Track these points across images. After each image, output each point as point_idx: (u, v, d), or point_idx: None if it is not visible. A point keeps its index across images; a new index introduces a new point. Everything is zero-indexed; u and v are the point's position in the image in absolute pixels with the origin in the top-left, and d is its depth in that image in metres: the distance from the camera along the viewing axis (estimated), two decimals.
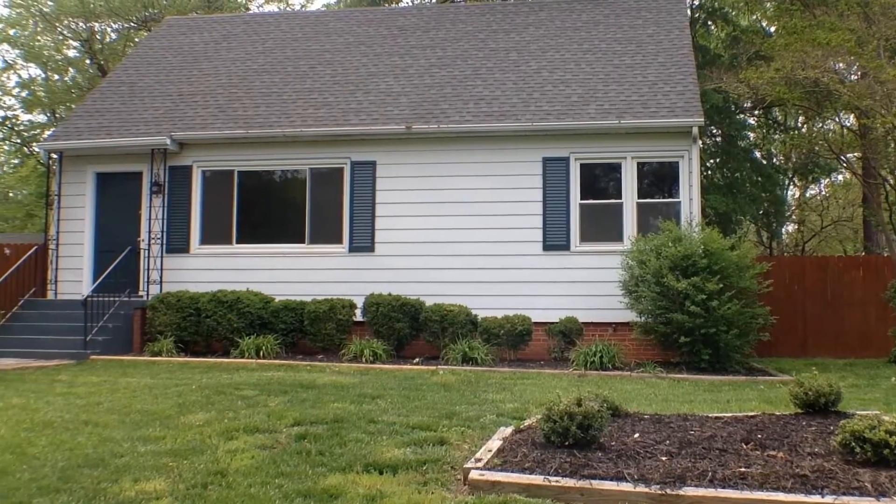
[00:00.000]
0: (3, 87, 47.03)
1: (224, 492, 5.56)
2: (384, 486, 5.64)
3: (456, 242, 16.54)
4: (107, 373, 12.68)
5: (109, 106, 19.70)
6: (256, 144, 17.77)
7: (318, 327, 15.71)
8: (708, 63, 25.40)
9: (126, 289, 16.98)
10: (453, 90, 18.16)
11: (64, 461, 6.49)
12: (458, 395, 9.96)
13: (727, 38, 28.85)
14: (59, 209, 18.63)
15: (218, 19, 25.80)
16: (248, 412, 8.54)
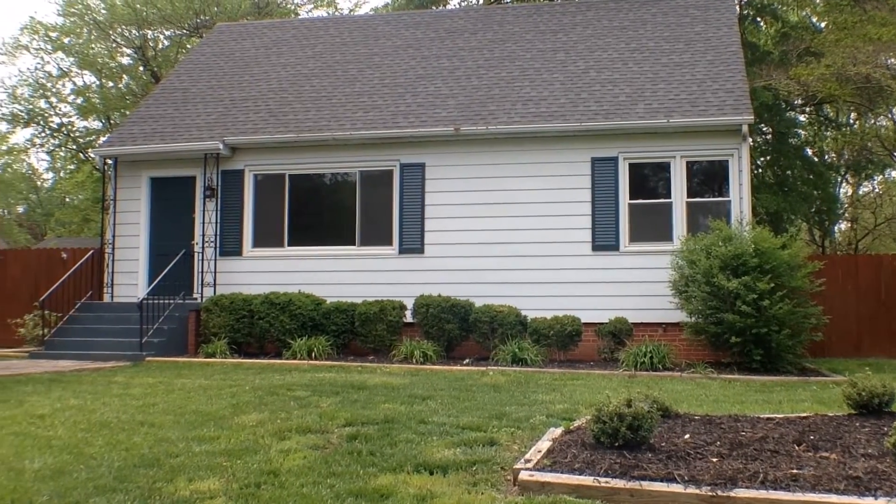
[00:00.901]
0: (59, 95, 47.88)
1: (277, 491, 5.64)
2: (434, 487, 5.68)
3: (505, 243, 16.58)
4: (162, 374, 12.86)
5: (163, 112, 20.03)
6: (307, 148, 17.96)
7: (369, 328, 15.83)
8: (757, 60, 25.15)
9: (180, 291, 17.25)
10: (501, 91, 18.20)
11: (120, 461, 6.60)
12: (508, 396, 10.00)
13: (776, 35, 28.54)
14: (114, 213, 18.97)
15: (268, 25, 26.09)
16: (301, 413, 8.63)
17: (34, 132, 50.83)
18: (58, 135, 49.34)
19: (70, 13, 44.24)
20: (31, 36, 47.01)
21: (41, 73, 47.91)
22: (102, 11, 42.79)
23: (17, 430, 7.91)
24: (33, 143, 54.45)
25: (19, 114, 48.61)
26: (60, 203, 72.22)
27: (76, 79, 47.45)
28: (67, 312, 17.72)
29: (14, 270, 21.80)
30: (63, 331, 17.05)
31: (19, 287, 21.36)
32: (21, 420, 8.49)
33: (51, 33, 45.82)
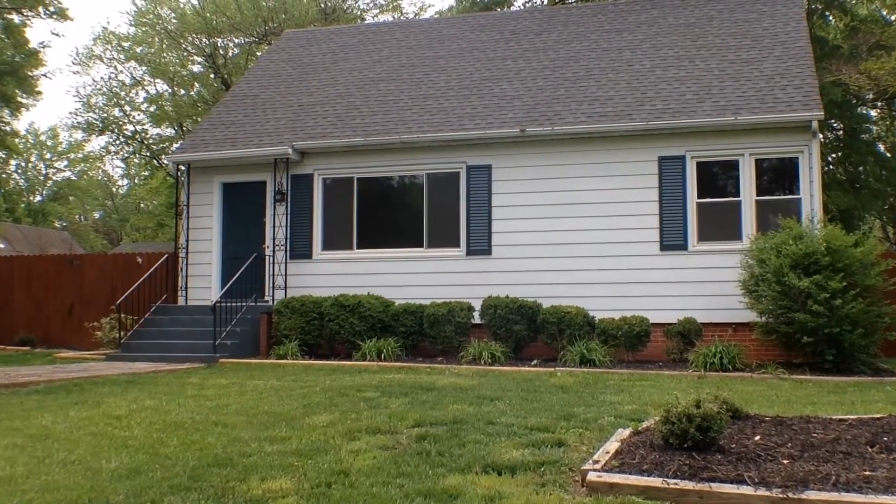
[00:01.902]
0: (133, 103, 48.91)
1: (347, 491, 5.71)
2: (503, 487, 5.72)
3: (572, 244, 16.55)
4: (235, 375, 13.08)
5: (233, 118, 20.39)
6: (374, 151, 18.13)
7: (437, 330, 15.92)
8: (826, 55, 24.72)
9: (252, 294, 17.52)
10: (566, 92, 18.17)
11: (194, 461, 6.73)
12: (576, 397, 10.00)
13: (846, 29, 27.99)
14: (187, 218, 19.35)
15: (335, 31, 26.37)
16: (370, 414, 8.73)
17: (109, 140, 51.97)
18: (132, 142, 50.40)
19: (142, 23, 45.14)
20: (104, 46, 48.15)
21: (115, 82, 48.98)
22: (173, 21, 43.58)
23: (94, 431, 8.11)
24: (108, 151, 55.78)
25: (94, 122, 49.78)
26: (135, 209, 73.76)
27: (149, 87, 48.42)
28: (143, 315, 18.12)
29: (91, 275, 22.37)
30: (139, 333, 17.43)
31: (96, 291, 21.91)
32: (98, 421, 8.70)
33: (123, 43, 46.84)
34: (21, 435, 7.92)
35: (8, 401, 10.40)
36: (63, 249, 52.25)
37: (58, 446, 7.36)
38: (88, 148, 73.35)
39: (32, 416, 9.03)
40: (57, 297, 22.72)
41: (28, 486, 5.99)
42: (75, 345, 21.15)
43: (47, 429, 8.25)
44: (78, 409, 9.57)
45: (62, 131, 79.98)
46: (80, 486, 5.97)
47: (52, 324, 22.56)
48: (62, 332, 22.24)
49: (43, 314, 22.80)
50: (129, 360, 16.06)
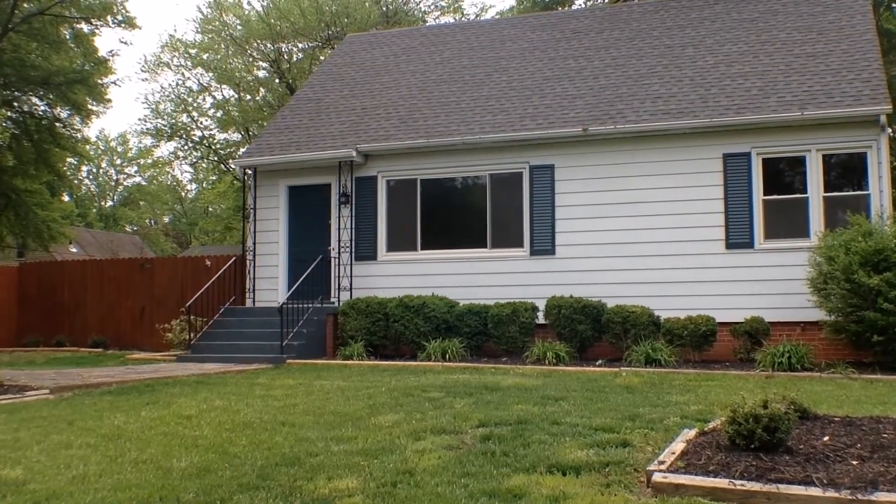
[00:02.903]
0: (200, 109, 49.71)
1: (412, 490, 5.75)
2: (567, 488, 5.72)
3: (636, 243, 16.45)
4: (302, 376, 13.22)
5: (298, 122, 20.63)
6: (437, 153, 18.21)
7: (502, 330, 15.93)
8: (894, 48, 24.17)
9: (318, 295, 17.72)
10: (629, 90, 18.06)
11: (262, 460, 6.82)
12: (642, 397, 9.95)
13: None
14: (254, 221, 19.64)
15: (397, 34, 26.52)
16: (435, 414, 8.76)
17: (177, 145, 52.95)
18: (199, 147, 51.25)
19: (207, 30, 45.86)
20: (171, 53, 49.02)
21: (182, 88, 49.84)
22: (238, 27, 44.21)
23: (165, 431, 8.27)
24: (177, 156, 56.88)
25: (163, 128, 50.73)
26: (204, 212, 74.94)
27: (215, 93, 49.17)
28: (212, 317, 18.42)
29: (161, 278, 22.81)
30: (208, 335, 17.72)
31: (166, 294, 22.34)
32: (169, 421, 8.87)
33: (190, 50, 47.65)
34: (94, 435, 8.10)
35: (82, 401, 10.66)
36: (134, 253, 53.33)
37: (130, 446, 7.52)
38: (157, 153, 74.83)
39: (105, 417, 9.23)
40: (128, 300, 23.22)
41: (101, 484, 6.13)
42: (146, 346, 21.61)
43: (120, 429, 8.42)
44: (149, 409, 9.76)
45: (132, 137, 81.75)
46: (152, 484, 6.09)
47: (124, 326, 23.06)
48: (133, 334, 22.73)
49: (115, 316, 23.32)
50: (198, 360, 16.34)
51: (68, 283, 24.30)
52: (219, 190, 56.24)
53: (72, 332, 23.47)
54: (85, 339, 22.95)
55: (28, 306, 24.54)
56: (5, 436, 8.13)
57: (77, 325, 23.69)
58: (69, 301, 24.09)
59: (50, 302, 24.29)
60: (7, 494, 5.90)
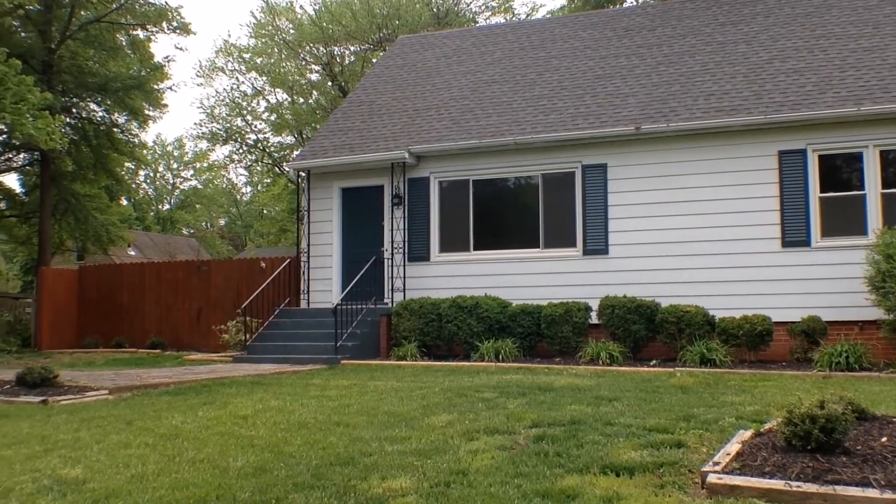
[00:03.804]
0: (254, 113, 50.24)
1: (465, 490, 5.75)
2: (621, 488, 5.69)
3: (690, 242, 16.31)
4: (356, 376, 13.28)
5: (351, 124, 20.76)
6: (489, 153, 18.22)
7: (555, 330, 15.89)
8: None
9: (372, 297, 17.82)
10: (682, 87, 17.91)
11: (317, 459, 6.85)
12: (696, 398, 9.86)
13: None
14: (308, 223, 19.80)
15: (448, 35, 26.57)
16: (488, 414, 8.76)
17: (232, 149, 53.60)
18: (254, 150, 51.80)
19: (261, 34, 46.34)
20: (225, 58, 49.63)
21: (236, 92, 50.42)
22: (291, 31, 44.62)
23: (222, 430, 8.35)
24: (232, 160, 57.64)
25: (218, 132, 51.37)
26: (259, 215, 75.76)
27: (269, 96, 49.66)
28: (267, 318, 18.62)
29: (218, 280, 23.09)
30: (263, 336, 17.91)
31: (223, 295, 22.62)
32: (226, 420, 8.96)
33: (244, 55, 48.20)
34: (152, 434, 8.22)
35: (140, 401, 10.83)
36: (190, 256, 54.06)
37: (187, 445, 7.62)
38: (213, 157, 75.83)
39: (163, 416, 9.36)
40: (185, 302, 23.54)
41: (159, 483, 6.23)
42: (203, 347, 21.91)
43: (177, 428, 8.54)
44: (206, 409, 9.88)
45: (188, 142, 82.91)
46: (208, 483, 6.16)
47: (181, 327, 23.39)
48: (190, 335, 23.04)
49: (172, 318, 23.66)
50: (254, 361, 16.52)
51: (127, 285, 24.70)
52: (273, 192, 56.83)
53: (130, 333, 23.86)
54: (143, 340, 23.32)
55: (88, 308, 25.00)
56: (66, 435, 8.29)
57: (135, 326, 24.08)
58: (128, 303, 24.50)
59: (109, 304, 24.72)
60: (67, 493, 6.02)
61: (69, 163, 33.27)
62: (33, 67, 29.93)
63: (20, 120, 21.50)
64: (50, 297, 24.46)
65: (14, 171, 42.62)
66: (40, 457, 7.29)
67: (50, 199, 34.25)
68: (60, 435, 8.34)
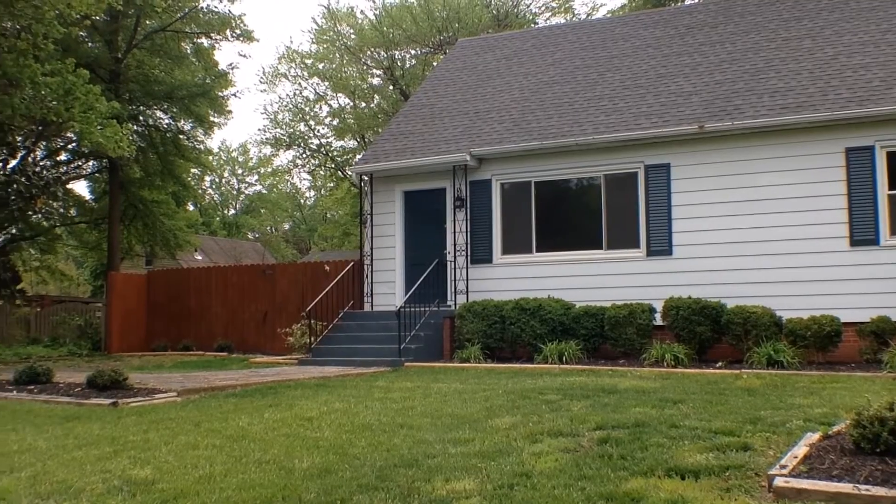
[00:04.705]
0: (317, 118, 50.70)
1: (529, 492, 5.75)
2: (686, 491, 5.65)
3: (755, 241, 16.09)
4: (419, 379, 13.33)
5: (412, 128, 20.87)
6: (551, 155, 18.17)
7: (619, 332, 15.79)
8: None
9: (434, 299, 17.88)
10: (745, 85, 17.68)
11: (381, 461, 6.91)
12: (763, 400, 9.74)
13: None
14: (371, 227, 19.95)
15: (507, 36, 26.56)
16: (552, 416, 8.74)
17: (296, 154, 54.13)
18: (317, 155, 52.28)
19: (322, 40, 46.75)
20: (288, 64, 50.19)
21: (299, 98, 50.93)
22: (352, 36, 44.95)
23: (287, 432, 8.46)
24: (295, 164, 58.16)
25: (282, 137, 51.96)
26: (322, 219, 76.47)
27: (331, 101, 50.09)
28: (331, 321, 18.79)
29: (282, 283, 23.37)
30: (327, 339, 18.07)
31: (287, 298, 22.89)
32: (291, 422, 9.07)
33: (306, 60, 48.67)
34: (220, 436, 8.36)
35: (208, 403, 11.00)
36: (256, 259, 54.77)
37: (253, 446, 7.73)
38: (277, 162, 76.74)
39: (230, 418, 9.51)
40: (251, 305, 23.86)
41: (226, 483, 6.34)
42: (268, 350, 22.19)
43: (244, 430, 8.67)
44: (272, 411, 10.01)
45: (252, 147, 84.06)
46: (275, 484, 6.26)
47: (247, 330, 23.71)
48: (256, 338, 23.35)
49: (238, 321, 23.99)
50: (318, 364, 16.66)
51: (194, 289, 25.11)
52: (336, 196, 57.27)
53: (198, 336, 24.26)
54: (210, 343, 23.68)
55: (156, 312, 25.46)
56: (136, 437, 8.46)
57: (202, 329, 24.47)
58: (195, 306, 24.90)
59: (177, 307, 25.16)
60: (137, 493, 6.15)
61: (137, 169, 33.93)
62: (101, 77, 30.58)
63: (89, 128, 21.99)
64: (119, 302, 24.96)
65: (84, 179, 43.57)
66: (110, 458, 7.45)
67: (118, 205, 34.95)
68: (130, 436, 8.52)
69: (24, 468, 7.16)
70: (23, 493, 6.34)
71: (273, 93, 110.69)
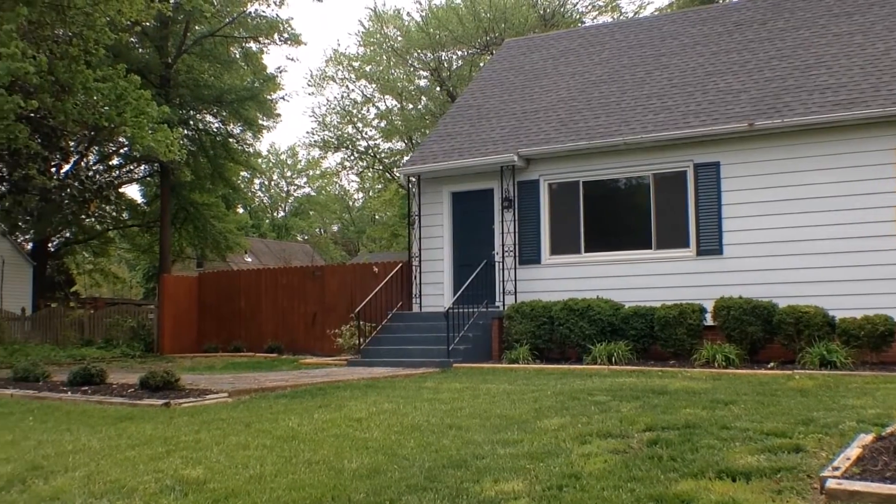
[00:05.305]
0: (364, 120, 50.97)
1: (578, 494, 5.73)
2: (737, 494, 5.60)
3: (807, 240, 15.87)
4: (468, 379, 13.32)
5: (459, 129, 20.89)
6: (598, 154, 18.10)
7: (668, 332, 15.66)
8: None
9: (483, 300, 17.89)
10: (796, 81, 17.46)
11: (430, 462, 6.91)
12: (815, 401, 9.61)
13: None
14: (419, 228, 20.02)
15: (554, 36, 26.49)
16: (601, 417, 8.70)
17: (344, 156, 54.47)
18: (365, 157, 52.53)
19: (369, 42, 46.99)
20: (335, 67, 50.52)
21: (347, 100, 51.24)
22: (398, 38, 45.13)
23: (336, 433, 8.49)
24: (343, 166, 58.52)
25: (330, 140, 52.33)
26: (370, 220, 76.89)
27: (378, 103, 50.33)
28: (380, 322, 18.87)
29: (332, 285, 23.51)
30: (376, 340, 18.16)
31: (336, 300, 23.03)
32: (340, 423, 9.10)
33: (353, 63, 48.96)
34: (270, 436, 8.43)
35: (258, 404, 11.10)
36: (305, 261, 55.18)
37: (303, 447, 7.78)
38: (325, 164, 77.24)
39: (280, 419, 9.58)
40: (301, 307, 24.04)
41: (276, 484, 6.40)
42: (318, 351, 22.34)
43: (294, 430, 8.72)
44: (321, 412, 10.06)
45: (300, 150, 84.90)
46: (324, 484, 6.29)
47: (297, 331, 23.88)
48: (306, 339, 23.52)
49: (288, 322, 24.18)
50: (367, 365, 16.74)
51: (244, 291, 25.36)
52: (385, 198, 57.58)
53: (248, 337, 24.49)
54: (260, 344, 23.90)
55: (207, 314, 25.75)
56: (187, 437, 8.56)
57: (253, 331, 24.69)
58: (245, 308, 25.14)
59: (227, 309, 25.42)
60: (189, 493, 6.23)
61: (188, 173, 34.39)
62: (151, 82, 31.05)
63: (140, 133, 22.32)
64: (171, 304, 25.28)
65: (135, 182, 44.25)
66: (163, 457, 7.55)
67: (169, 208, 35.44)
68: (182, 436, 8.61)
69: (79, 468, 7.28)
70: (77, 492, 6.46)
71: (321, 95, 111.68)
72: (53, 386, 13.84)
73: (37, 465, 7.51)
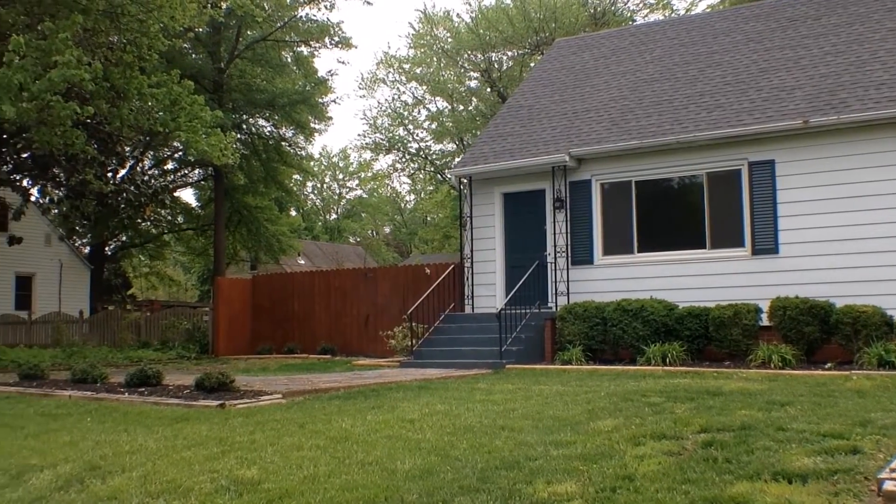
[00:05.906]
0: (415, 122, 51.12)
1: (631, 496, 5.70)
2: (793, 496, 5.53)
3: (864, 239, 15.59)
4: (520, 381, 13.30)
5: (510, 129, 20.88)
6: (651, 153, 17.97)
7: (723, 333, 15.49)
8: None
9: (535, 301, 17.85)
10: (851, 77, 17.19)
11: (482, 463, 6.90)
12: (874, 402, 9.45)
13: None
14: (471, 229, 20.04)
15: (605, 35, 26.35)
16: (655, 419, 8.64)
17: (395, 158, 54.66)
18: (416, 159, 52.67)
19: (419, 44, 47.13)
20: (386, 70, 50.76)
21: (398, 103, 51.47)
22: (449, 40, 45.19)
23: (389, 434, 8.53)
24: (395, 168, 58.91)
25: (381, 142, 52.57)
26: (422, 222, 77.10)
27: (429, 105, 50.46)
28: (432, 324, 18.91)
29: (384, 286, 23.59)
30: (429, 341, 18.19)
31: (389, 302, 23.10)
32: (393, 424, 9.14)
33: (403, 65, 49.14)
34: (323, 437, 8.48)
35: (311, 406, 11.18)
36: (357, 263, 55.47)
37: (356, 448, 7.82)
38: (377, 167, 77.69)
39: (333, 420, 9.63)
40: (353, 308, 24.16)
41: (329, 484, 6.44)
42: (370, 352, 22.43)
43: (347, 431, 8.77)
44: (374, 413, 10.11)
45: (352, 152, 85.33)
46: (377, 485, 6.32)
47: (350, 333, 24.00)
48: (359, 341, 23.63)
49: (341, 324, 24.32)
50: (420, 366, 16.79)
51: (297, 293, 25.55)
52: (436, 199, 57.67)
53: (301, 339, 24.67)
54: (313, 346, 24.06)
55: (260, 316, 25.99)
56: (242, 438, 8.65)
57: (306, 333, 24.87)
58: (298, 310, 25.33)
59: (281, 311, 25.63)
60: (243, 493, 6.31)
61: (241, 176, 34.79)
62: (204, 87, 31.44)
63: (194, 138, 22.62)
64: (225, 306, 25.55)
65: (190, 186, 44.81)
66: (218, 458, 7.63)
67: (223, 211, 35.83)
68: (237, 437, 8.70)
69: (135, 468, 7.39)
70: (134, 492, 6.56)
71: (372, 98, 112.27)
72: (111, 387, 14.03)
73: (95, 465, 7.64)
